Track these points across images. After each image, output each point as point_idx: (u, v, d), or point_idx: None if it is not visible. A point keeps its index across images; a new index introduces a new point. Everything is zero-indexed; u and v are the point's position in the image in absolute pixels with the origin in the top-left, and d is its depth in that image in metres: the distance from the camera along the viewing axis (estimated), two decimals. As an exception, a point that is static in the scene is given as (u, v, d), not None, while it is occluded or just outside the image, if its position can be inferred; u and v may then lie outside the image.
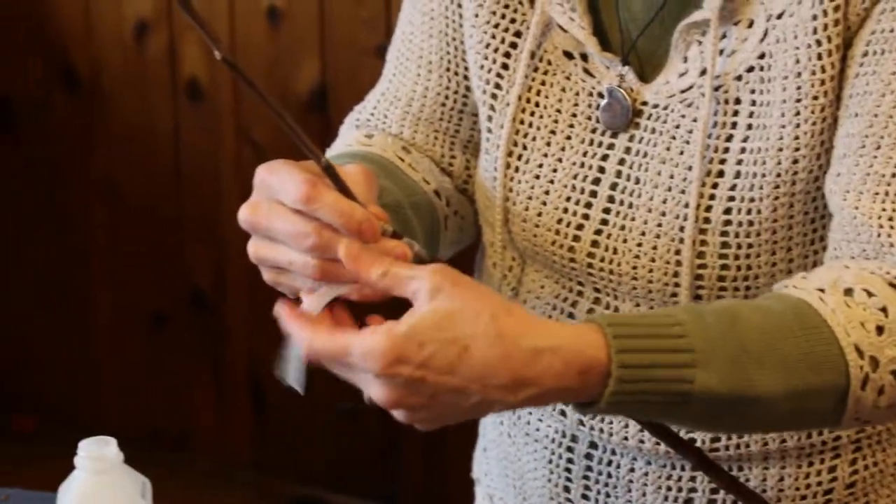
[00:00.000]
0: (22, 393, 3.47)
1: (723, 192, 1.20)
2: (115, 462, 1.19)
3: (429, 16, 1.33)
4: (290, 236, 1.03)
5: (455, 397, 1.00)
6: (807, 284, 1.11)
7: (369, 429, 3.07)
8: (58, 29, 3.19)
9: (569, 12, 1.24)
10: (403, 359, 0.98)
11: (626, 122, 1.24)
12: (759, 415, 1.07)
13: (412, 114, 1.35)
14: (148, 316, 3.27)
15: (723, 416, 1.06)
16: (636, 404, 1.03)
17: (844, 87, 1.17)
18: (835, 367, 1.07)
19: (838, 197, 1.16)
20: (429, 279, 1.00)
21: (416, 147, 1.35)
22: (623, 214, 1.24)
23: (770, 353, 1.05)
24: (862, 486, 1.31)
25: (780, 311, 1.08)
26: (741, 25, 1.20)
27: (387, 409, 1.00)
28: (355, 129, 1.38)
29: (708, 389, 1.03)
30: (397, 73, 1.37)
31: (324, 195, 1.01)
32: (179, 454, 3.28)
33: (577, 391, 1.02)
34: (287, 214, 1.03)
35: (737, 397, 1.04)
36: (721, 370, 1.03)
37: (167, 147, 3.14)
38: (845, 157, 1.16)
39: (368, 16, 2.87)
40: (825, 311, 1.08)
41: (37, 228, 3.34)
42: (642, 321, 1.04)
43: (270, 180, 1.04)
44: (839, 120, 1.18)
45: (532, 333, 1.00)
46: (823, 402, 1.08)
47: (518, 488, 1.38)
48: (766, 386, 1.05)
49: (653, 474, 1.29)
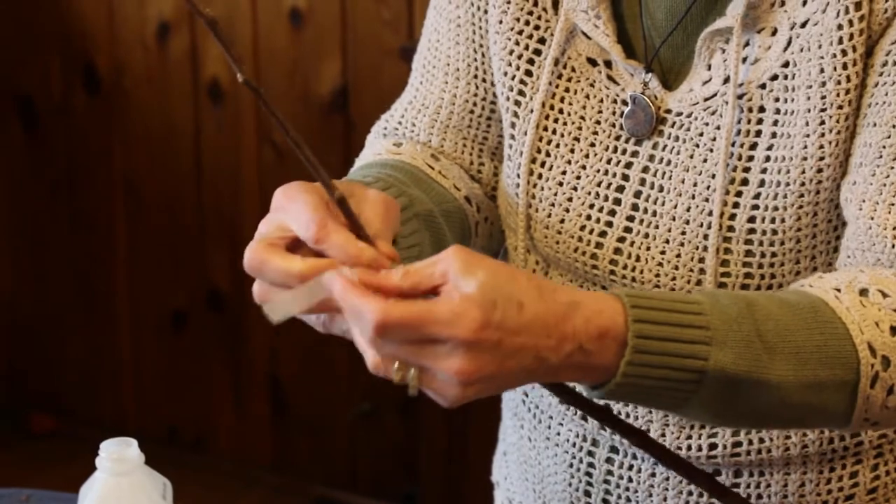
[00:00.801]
0: (42, 393, 3.48)
1: (747, 201, 1.20)
2: (136, 463, 1.19)
3: (455, 23, 1.33)
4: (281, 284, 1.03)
5: (517, 360, 0.98)
6: (823, 283, 1.11)
7: (389, 430, 3.07)
8: (80, 29, 3.20)
9: (593, 19, 1.24)
10: (487, 322, 0.95)
11: (650, 130, 1.24)
12: (771, 403, 1.06)
13: (440, 121, 1.35)
14: (168, 316, 3.28)
15: (734, 402, 1.06)
16: (649, 382, 1.02)
17: (864, 95, 1.17)
18: (846, 363, 1.07)
19: (854, 206, 1.16)
20: (454, 257, 0.97)
21: (445, 154, 1.35)
22: (647, 222, 1.23)
23: (784, 343, 1.05)
24: (883, 492, 1.31)
25: (796, 303, 1.08)
26: (764, 33, 1.19)
27: (461, 382, 0.96)
28: (383, 137, 1.38)
29: (721, 368, 1.02)
30: (424, 82, 1.36)
31: (332, 236, 1.01)
32: (199, 455, 3.29)
33: (595, 356, 1.01)
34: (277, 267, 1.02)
35: (749, 380, 1.04)
36: (736, 350, 1.03)
37: (188, 148, 3.15)
38: (862, 167, 1.16)
39: (390, 17, 2.87)
40: (840, 308, 1.08)
41: (57, 228, 3.35)
42: (660, 296, 1.04)
43: (287, 207, 1.04)
44: (857, 128, 1.17)
45: (559, 289, 1.00)
46: (833, 397, 1.08)
47: (538, 492, 1.38)
48: (778, 373, 1.05)
49: (673, 479, 1.29)
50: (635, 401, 1.06)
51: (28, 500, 1.44)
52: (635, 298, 1.02)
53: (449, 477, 3.06)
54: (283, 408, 3.19)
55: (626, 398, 1.04)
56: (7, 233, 3.42)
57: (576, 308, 0.99)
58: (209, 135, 3.12)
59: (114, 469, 1.18)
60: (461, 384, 0.96)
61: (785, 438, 1.26)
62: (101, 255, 3.31)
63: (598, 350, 1.00)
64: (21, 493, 1.45)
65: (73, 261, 3.35)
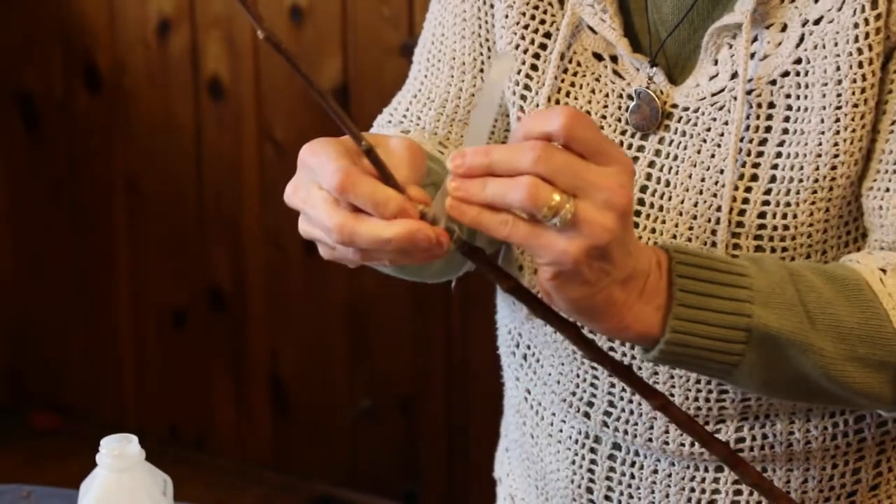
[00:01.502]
0: (43, 390, 3.48)
1: (756, 197, 1.19)
2: (136, 459, 1.19)
3: (461, 17, 1.33)
4: (321, 227, 1.00)
5: (600, 279, 0.98)
6: (869, 262, 1.13)
7: (390, 428, 3.07)
8: (81, 26, 3.20)
9: (600, 13, 1.24)
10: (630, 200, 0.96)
11: (656, 124, 1.24)
12: (815, 373, 1.07)
13: (447, 115, 1.34)
14: (168, 314, 3.28)
15: (781, 366, 1.07)
16: (697, 341, 1.03)
17: (889, 100, 1.17)
18: (886, 344, 1.09)
19: (893, 214, 1.17)
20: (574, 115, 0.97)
21: (451, 145, 1.34)
22: (653, 217, 1.23)
23: (824, 315, 1.07)
24: (886, 488, 1.31)
25: (840, 277, 1.10)
26: (773, 29, 1.19)
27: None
28: (389, 126, 1.38)
29: (765, 326, 1.04)
30: (429, 75, 1.36)
31: (358, 186, 0.97)
32: (200, 452, 3.29)
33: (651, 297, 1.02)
34: (318, 205, 0.99)
35: (794, 342, 1.05)
36: (778, 312, 1.05)
37: (189, 145, 3.14)
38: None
39: (391, 14, 2.87)
40: (882, 291, 1.10)
41: (58, 225, 3.35)
42: (705, 254, 1.05)
43: (311, 162, 1.00)
44: (881, 133, 1.17)
45: None
46: (875, 376, 1.09)
47: (540, 489, 1.38)
48: (820, 342, 1.06)
49: (676, 475, 1.29)
50: (686, 362, 1.06)
51: (29, 496, 1.44)
52: (680, 255, 1.04)
53: (449, 474, 3.06)
54: (283, 405, 3.19)
55: (676, 360, 1.05)
56: (8, 230, 3.42)
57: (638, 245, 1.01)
58: (210, 132, 3.11)
59: (114, 465, 1.18)
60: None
61: (788, 434, 1.26)
62: (102, 252, 3.31)
63: (653, 288, 1.02)
64: (22, 490, 1.45)
65: (73, 258, 3.35)
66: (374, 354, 3.02)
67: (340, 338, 3.06)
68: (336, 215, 0.98)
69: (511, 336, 1.38)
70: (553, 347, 1.31)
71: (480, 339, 2.87)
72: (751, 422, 1.26)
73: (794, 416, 1.25)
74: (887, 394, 1.10)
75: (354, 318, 3.02)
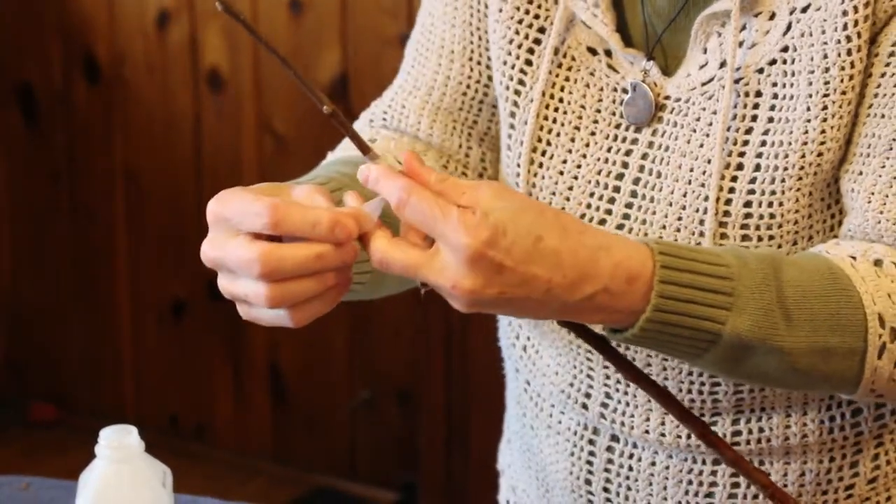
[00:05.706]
0: (42, 382, 3.48)
1: (742, 185, 1.20)
2: (135, 450, 1.19)
3: (452, 6, 1.33)
4: (240, 265, 1.00)
5: (524, 290, 0.99)
6: (839, 250, 1.14)
7: (388, 420, 3.07)
8: (80, 18, 3.20)
9: (592, 8, 1.24)
10: (493, 242, 0.97)
11: (650, 117, 1.24)
12: (780, 368, 1.08)
13: (431, 103, 1.35)
14: (168, 305, 3.28)
15: (744, 364, 1.08)
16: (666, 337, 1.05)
17: (868, 84, 1.17)
18: (856, 331, 1.09)
19: (862, 198, 1.16)
20: (488, 184, 1.00)
21: (431, 145, 1.34)
22: (644, 208, 1.23)
23: (801, 310, 1.08)
24: (884, 482, 1.30)
25: (815, 269, 1.10)
26: (762, 17, 1.19)
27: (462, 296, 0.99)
28: (370, 127, 1.38)
29: (736, 335, 1.05)
30: (416, 65, 1.36)
31: (290, 214, 0.98)
32: (199, 444, 3.29)
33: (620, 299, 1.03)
34: (236, 246, 1.00)
35: (762, 346, 1.06)
36: (753, 318, 1.06)
37: (188, 136, 3.14)
38: (870, 158, 1.16)
39: (390, 5, 2.87)
40: (855, 276, 1.11)
41: (57, 217, 3.35)
42: (690, 254, 1.06)
43: (226, 213, 1.01)
44: (860, 117, 1.17)
45: (589, 232, 1.02)
46: (841, 364, 1.10)
47: (540, 480, 1.38)
48: (790, 339, 1.07)
49: (674, 468, 1.29)
50: (654, 347, 1.08)
51: (28, 487, 1.44)
52: (665, 254, 1.04)
53: (448, 466, 3.06)
54: (282, 397, 3.19)
55: (645, 345, 1.06)
56: (7, 221, 3.42)
57: (605, 251, 1.01)
58: (209, 123, 3.11)
59: (113, 456, 1.18)
60: (467, 298, 0.99)
61: (785, 428, 1.26)
62: (101, 243, 3.31)
63: (626, 292, 1.03)
64: (21, 481, 1.45)
65: (73, 250, 3.35)
66: (373, 346, 3.03)
67: (340, 329, 3.06)
68: (257, 246, 0.99)
69: (511, 327, 1.38)
70: (551, 338, 1.31)
71: (480, 331, 2.88)
72: (746, 415, 1.26)
73: (791, 409, 1.26)
74: (850, 378, 1.11)
75: (354, 310, 3.02)
